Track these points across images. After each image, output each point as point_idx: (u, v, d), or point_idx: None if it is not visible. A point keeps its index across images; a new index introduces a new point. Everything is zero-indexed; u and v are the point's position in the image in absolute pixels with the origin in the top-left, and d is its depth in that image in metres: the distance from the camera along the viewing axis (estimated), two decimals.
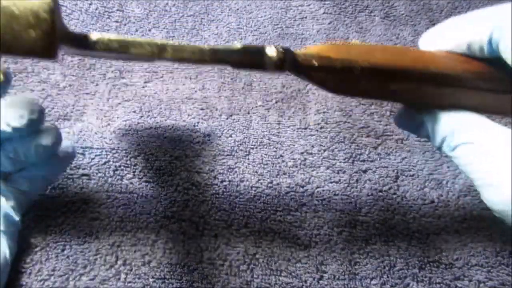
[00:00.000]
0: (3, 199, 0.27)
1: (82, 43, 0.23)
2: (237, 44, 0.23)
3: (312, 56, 0.23)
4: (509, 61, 0.23)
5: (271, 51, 0.23)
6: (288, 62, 0.24)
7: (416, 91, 0.24)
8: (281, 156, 0.36)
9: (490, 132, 0.23)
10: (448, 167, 0.36)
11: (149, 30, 0.42)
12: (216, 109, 0.38)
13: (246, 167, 0.35)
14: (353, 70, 0.23)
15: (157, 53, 0.23)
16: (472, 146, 0.23)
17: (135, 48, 0.23)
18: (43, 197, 0.31)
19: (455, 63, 0.24)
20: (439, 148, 0.25)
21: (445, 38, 0.25)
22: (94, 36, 0.22)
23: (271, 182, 0.34)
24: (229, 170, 0.35)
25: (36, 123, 0.27)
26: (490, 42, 0.23)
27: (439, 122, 0.24)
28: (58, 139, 0.28)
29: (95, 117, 0.36)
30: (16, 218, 0.27)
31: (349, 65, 0.23)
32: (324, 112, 0.38)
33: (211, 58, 0.24)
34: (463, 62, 0.24)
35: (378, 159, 0.36)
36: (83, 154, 0.34)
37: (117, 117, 0.36)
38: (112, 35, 0.23)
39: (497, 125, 0.23)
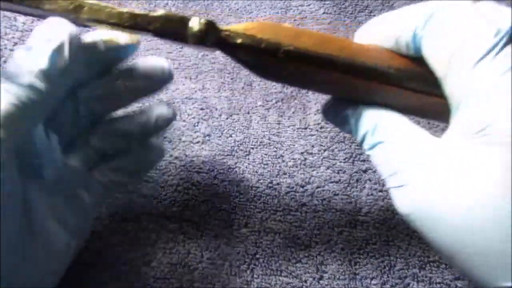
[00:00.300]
0: (84, 192, 0.26)
1: None
2: (159, 11, 0.22)
3: (237, 33, 0.22)
4: (429, 60, 0.22)
5: (193, 22, 0.22)
6: (211, 36, 0.22)
7: (341, 82, 0.24)
8: (281, 156, 0.36)
9: (404, 133, 0.22)
10: None
11: None
12: (216, 109, 0.38)
13: (246, 167, 0.35)
14: (276, 53, 0.22)
15: (72, 10, 0.22)
16: (384, 146, 0.22)
17: (49, 2, 0.22)
18: None
19: (383, 58, 0.24)
20: (361, 146, 0.24)
21: (377, 32, 0.25)
22: None
23: (271, 182, 0.34)
24: (229, 170, 0.35)
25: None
26: (414, 38, 0.22)
27: (361, 118, 0.24)
28: (173, 115, 0.28)
29: None
30: (93, 216, 0.27)
31: (273, 47, 0.22)
32: None
33: (130, 24, 0.23)
34: (390, 58, 0.24)
35: None
36: None
37: None
38: None
39: (414, 126, 0.23)
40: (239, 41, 0.22)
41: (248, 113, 0.38)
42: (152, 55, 0.40)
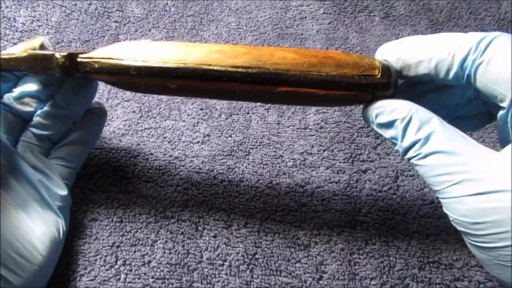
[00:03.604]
0: (56, 175, 0.28)
1: None
2: (28, 51, 0.26)
3: (92, 60, 0.26)
4: (490, 84, 0.22)
5: (57, 56, 0.26)
6: (72, 66, 0.26)
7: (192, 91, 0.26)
8: (280, 156, 0.36)
9: (466, 144, 0.23)
10: None
11: (149, 30, 0.42)
12: (216, 109, 0.38)
13: (246, 167, 0.35)
14: (129, 72, 0.26)
15: None
16: (443, 157, 0.22)
17: None
18: None
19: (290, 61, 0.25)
20: (405, 153, 0.24)
21: (408, 52, 0.25)
22: None
23: (271, 182, 0.34)
24: (229, 170, 0.35)
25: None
26: (462, 64, 0.23)
27: (411, 124, 0.24)
28: (94, 86, 0.31)
29: None
30: (67, 193, 0.29)
31: (125, 67, 0.26)
32: (323, 112, 0.38)
33: (5, 68, 0.27)
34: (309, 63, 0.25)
35: (378, 159, 0.36)
36: None
37: (117, 117, 0.36)
38: None
39: (466, 136, 0.23)
40: (95, 66, 0.26)
41: (248, 113, 0.38)
42: None
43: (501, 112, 0.23)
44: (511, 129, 0.23)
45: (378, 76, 0.25)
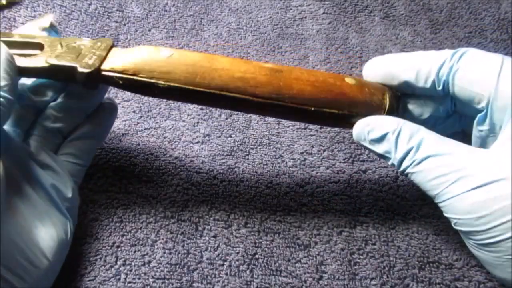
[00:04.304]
0: (66, 173, 0.28)
1: None
2: (45, 64, 0.26)
3: (116, 75, 0.26)
4: (467, 87, 0.25)
5: (79, 71, 0.26)
6: (95, 79, 0.27)
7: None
8: (280, 156, 0.36)
9: (453, 146, 0.24)
10: None
11: (149, 30, 0.42)
12: (216, 109, 0.38)
13: (246, 167, 0.35)
14: (151, 87, 0.27)
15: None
16: (436, 159, 0.24)
17: None
18: None
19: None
20: (400, 164, 0.26)
21: (394, 65, 0.28)
22: None
23: (271, 182, 0.34)
24: (229, 170, 0.35)
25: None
26: (438, 71, 0.26)
27: (401, 134, 0.25)
28: (103, 90, 0.31)
29: None
30: (75, 192, 0.28)
31: (148, 83, 0.26)
32: None
33: (25, 75, 0.27)
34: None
35: (378, 159, 0.36)
36: None
37: (117, 117, 0.36)
38: None
39: (452, 140, 0.25)
40: (120, 82, 0.27)
41: None
42: None
43: (479, 115, 0.25)
44: (489, 126, 0.25)
45: (383, 114, 0.27)
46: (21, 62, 0.26)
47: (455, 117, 0.29)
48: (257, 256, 0.31)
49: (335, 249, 0.32)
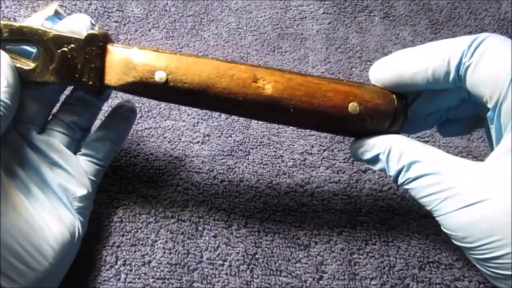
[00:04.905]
0: (79, 172, 0.28)
1: None
2: (56, 80, 0.26)
3: (120, 85, 0.27)
4: (478, 87, 0.23)
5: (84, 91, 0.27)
6: (101, 92, 0.27)
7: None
8: (280, 156, 0.36)
9: (448, 162, 0.24)
10: None
11: (149, 30, 0.42)
12: None
13: (246, 167, 0.35)
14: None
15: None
16: (430, 178, 0.23)
17: None
18: None
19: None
20: (395, 180, 0.25)
21: (404, 64, 0.26)
22: None
23: (271, 182, 0.34)
24: (229, 170, 0.35)
25: None
26: (457, 68, 0.24)
27: (391, 154, 0.25)
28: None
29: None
30: (89, 191, 0.28)
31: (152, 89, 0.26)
32: None
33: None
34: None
35: None
36: None
37: None
38: None
39: (447, 154, 0.24)
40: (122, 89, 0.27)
41: None
42: None
43: (488, 114, 0.24)
44: (495, 129, 0.24)
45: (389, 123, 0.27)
46: (25, 74, 0.26)
47: (469, 103, 0.28)
48: (257, 256, 0.31)
49: (335, 249, 0.31)
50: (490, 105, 0.23)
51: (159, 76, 0.25)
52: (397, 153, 0.25)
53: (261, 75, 0.26)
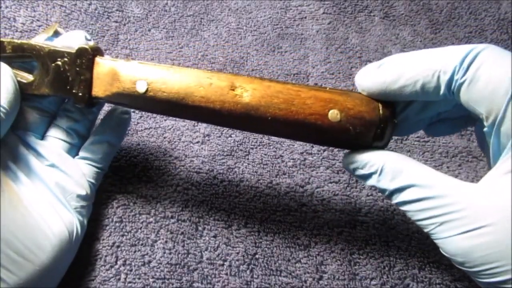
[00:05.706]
0: (77, 174, 0.28)
1: None
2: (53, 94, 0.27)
3: (108, 98, 0.27)
4: (474, 104, 0.22)
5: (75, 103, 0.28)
6: (92, 104, 0.28)
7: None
8: (280, 156, 0.36)
9: (446, 184, 0.22)
10: (447, 167, 0.36)
11: (149, 30, 0.42)
12: None
13: (246, 167, 0.35)
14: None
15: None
16: (429, 202, 0.22)
17: None
18: None
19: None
20: (389, 199, 0.24)
21: (392, 74, 0.24)
22: None
23: (271, 182, 0.34)
24: (229, 170, 0.35)
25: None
26: (449, 83, 0.22)
27: (383, 173, 0.24)
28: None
29: None
30: (87, 193, 0.29)
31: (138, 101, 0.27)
32: None
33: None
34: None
35: None
36: None
37: None
38: None
39: (441, 173, 0.23)
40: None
41: None
42: (151, 55, 0.40)
43: (485, 129, 0.23)
44: (492, 144, 0.22)
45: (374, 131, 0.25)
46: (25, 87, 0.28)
47: (461, 107, 0.26)
48: (257, 256, 0.31)
49: (335, 249, 0.31)
50: (486, 123, 0.22)
51: (140, 86, 0.26)
52: (390, 173, 0.24)
53: (239, 83, 0.25)
